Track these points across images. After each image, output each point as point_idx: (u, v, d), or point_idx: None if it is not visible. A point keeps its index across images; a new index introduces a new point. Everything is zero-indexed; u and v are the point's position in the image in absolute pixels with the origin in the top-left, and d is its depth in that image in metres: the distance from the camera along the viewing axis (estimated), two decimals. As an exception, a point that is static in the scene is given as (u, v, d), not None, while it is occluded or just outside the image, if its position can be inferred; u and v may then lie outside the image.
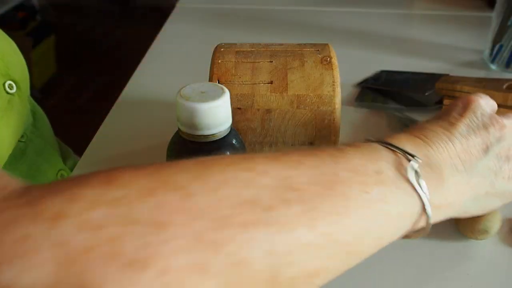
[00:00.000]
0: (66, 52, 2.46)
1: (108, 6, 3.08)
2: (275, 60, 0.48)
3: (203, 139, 0.37)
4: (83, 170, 0.54)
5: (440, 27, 0.90)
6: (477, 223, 0.42)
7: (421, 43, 0.83)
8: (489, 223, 0.42)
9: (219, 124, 0.37)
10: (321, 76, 0.47)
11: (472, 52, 0.80)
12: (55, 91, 2.23)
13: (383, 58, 0.78)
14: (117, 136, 0.60)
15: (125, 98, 0.68)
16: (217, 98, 0.36)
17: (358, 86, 0.71)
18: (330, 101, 0.46)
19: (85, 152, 0.57)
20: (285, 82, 0.47)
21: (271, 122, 0.47)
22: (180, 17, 0.97)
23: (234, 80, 0.47)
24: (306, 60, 0.48)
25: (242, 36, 0.83)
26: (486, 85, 0.61)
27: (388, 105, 0.66)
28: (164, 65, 0.78)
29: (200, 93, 0.36)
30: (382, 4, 1.00)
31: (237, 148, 0.38)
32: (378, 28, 0.89)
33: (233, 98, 0.46)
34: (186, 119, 0.36)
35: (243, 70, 0.47)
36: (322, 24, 0.91)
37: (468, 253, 0.44)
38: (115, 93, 0.71)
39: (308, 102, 0.46)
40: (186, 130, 0.37)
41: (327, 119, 0.47)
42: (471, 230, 0.43)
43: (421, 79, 0.71)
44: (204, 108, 0.35)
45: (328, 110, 0.46)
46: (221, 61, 0.48)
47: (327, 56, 0.48)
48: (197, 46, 0.84)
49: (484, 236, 0.43)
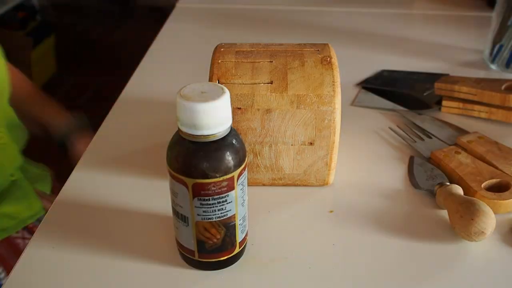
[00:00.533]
0: (66, 52, 2.46)
1: (108, 6, 3.08)
2: (275, 60, 0.48)
3: (203, 139, 0.37)
4: (83, 170, 0.54)
5: (440, 27, 0.90)
6: (471, 225, 0.42)
7: (421, 43, 0.83)
8: (483, 224, 0.42)
9: (219, 124, 0.37)
10: (321, 76, 0.47)
11: (472, 52, 0.80)
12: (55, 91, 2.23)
13: (383, 58, 0.78)
14: (117, 136, 0.60)
15: (125, 98, 0.68)
16: (217, 98, 0.36)
17: (358, 86, 0.71)
18: (330, 101, 0.46)
19: (85, 152, 0.57)
20: (285, 82, 0.47)
21: (271, 122, 0.47)
22: (180, 17, 0.97)
23: (234, 80, 0.47)
24: (306, 60, 0.48)
25: (242, 36, 0.83)
26: (484, 85, 0.61)
27: (388, 105, 0.66)
28: (164, 65, 0.78)
29: (200, 93, 0.36)
30: (382, 4, 1.00)
31: (237, 148, 0.38)
32: (378, 28, 0.90)
33: (233, 98, 0.46)
34: (186, 119, 0.36)
35: (243, 70, 0.47)
36: (322, 24, 0.91)
37: (468, 253, 0.44)
38: (115, 93, 0.71)
39: (308, 102, 0.46)
40: (186, 130, 0.37)
41: (327, 119, 0.47)
42: (466, 233, 0.43)
43: (421, 79, 0.71)
44: (204, 108, 0.35)
45: (328, 110, 0.47)
46: (221, 61, 0.48)
47: (327, 56, 0.48)
48: (197, 46, 0.84)
49: (480, 237, 0.43)
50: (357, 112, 0.65)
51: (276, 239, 0.46)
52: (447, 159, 0.53)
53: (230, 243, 0.41)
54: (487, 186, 0.49)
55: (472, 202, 0.43)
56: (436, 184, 0.49)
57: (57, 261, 0.44)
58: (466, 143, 0.55)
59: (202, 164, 0.37)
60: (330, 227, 0.47)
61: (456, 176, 0.51)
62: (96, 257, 0.44)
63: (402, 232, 0.46)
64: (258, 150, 0.48)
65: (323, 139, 0.48)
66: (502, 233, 0.46)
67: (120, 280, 0.42)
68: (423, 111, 0.64)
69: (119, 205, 0.50)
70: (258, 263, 0.43)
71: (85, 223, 0.48)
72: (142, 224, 0.47)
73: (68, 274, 0.42)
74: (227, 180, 0.38)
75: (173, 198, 0.40)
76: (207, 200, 0.38)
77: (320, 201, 0.50)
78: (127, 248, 0.45)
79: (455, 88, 0.63)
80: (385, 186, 0.52)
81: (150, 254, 0.44)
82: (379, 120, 0.63)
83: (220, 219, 0.39)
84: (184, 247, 0.42)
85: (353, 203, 0.50)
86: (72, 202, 0.50)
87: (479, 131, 0.58)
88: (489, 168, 0.51)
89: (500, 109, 0.60)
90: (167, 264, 0.43)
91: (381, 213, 0.48)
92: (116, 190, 0.51)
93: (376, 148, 0.58)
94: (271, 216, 0.48)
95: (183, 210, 0.39)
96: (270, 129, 0.47)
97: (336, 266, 0.43)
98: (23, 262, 0.44)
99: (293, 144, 0.48)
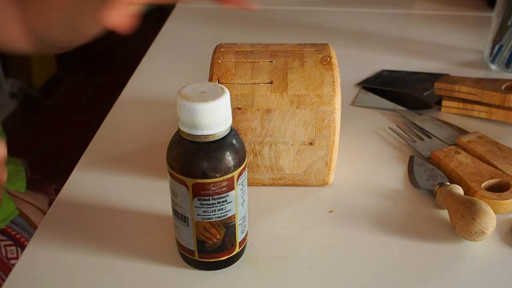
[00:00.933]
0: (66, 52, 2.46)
1: (108, 6, 3.08)
2: (275, 60, 0.48)
3: (203, 139, 0.37)
4: (83, 170, 0.54)
5: (440, 27, 0.90)
6: (472, 225, 0.42)
7: (421, 43, 0.83)
8: (484, 224, 0.42)
9: (219, 124, 0.37)
10: (321, 76, 0.47)
11: (472, 52, 0.80)
12: (55, 91, 2.23)
13: (383, 58, 0.78)
14: (117, 136, 0.60)
15: (125, 98, 0.68)
16: (217, 98, 0.36)
17: (358, 86, 0.71)
18: (330, 101, 0.46)
19: (85, 152, 0.57)
20: (285, 82, 0.47)
21: (271, 122, 0.47)
22: (180, 17, 0.97)
23: (234, 80, 0.47)
24: (306, 60, 0.48)
25: (242, 36, 0.83)
26: (484, 85, 0.61)
27: (388, 105, 0.66)
28: (164, 65, 0.78)
29: (200, 93, 0.36)
30: (382, 4, 1.00)
31: (237, 148, 0.38)
32: (378, 28, 0.89)
33: (233, 98, 0.46)
34: (186, 119, 0.36)
35: (243, 70, 0.47)
36: (322, 24, 0.91)
37: (468, 253, 0.44)
38: (115, 93, 0.71)
39: (308, 102, 0.46)
40: (186, 130, 0.37)
41: (327, 119, 0.47)
42: (467, 233, 0.43)
43: (421, 79, 0.71)
44: (204, 108, 0.35)
45: (328, 110, 0.46)
46: (221, 61, 0.48)
47: (327, 56, 0.48)
48: (197, 46, 0.84)
49: (481, 237, 0.43)
50: (357, 112, 0.65)
51: (276, 239, 0.46)
52: (447, 159, 0.53)
53: (230, 243, 0.41)
54: (487, 186, 0.49)
55: (473, 202, 0.43)
56: (436, 184, 0.49)
57: (57, 261, 0.44)
58: (466, 143, 0.55)
59: (202, 164, 0.37)
60: (330, 227, 0.47)
61: (456, 176, 0.51)
62: (96, 257, 0.44)
63: (402, 232, 0.46)
64: (258, 150, 0.48)
65: (323, 139, 0.48)
66: (502, 233, 0.46)
67: (120, 280, 0.42)
68: (423, 111, 0.64)
69: (119, 205, 0.50)
70: (258, 263, 0.43)
71: (85, 223, 0.48)
72: (142, 224, 0.47)
73: (68, 274, 0.42)
74: (227, 180, 0.38)
75: (173, 198, 0.40)
76: (207, 200, 0.38)
77: (320, 201, 0.50)
78: (127, 248, 0.45)
79: (455, 88, 0.63)
80: (385, 186, 0.52)
81: (150, 254, 0.44)
82: (379, 120, 0.63)
83: (220, 219, 0.39)
84: (184, 247, 0.42)
85: (353, 203, 0.50)
86: (72, 202, 0.50)
87: (479, 131, 0.58)
88: (489, 168, 0.51)
89: (500, 109, 0.60)
90: (167, 264, 0.43)
91: (381, 213, 0.48)
92: (116, 190, 0.51)
93: (376, 148, 0.58)
94: (271, 216, 0.48)
95: (183, 210, 0.39)
96: (270, 129, 0.47)
97: (336, 266, 0.43)
98: (23, 262, 0.44)
99: (293, 144, 0.48)
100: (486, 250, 0.44)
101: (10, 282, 0.42)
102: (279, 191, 0.51)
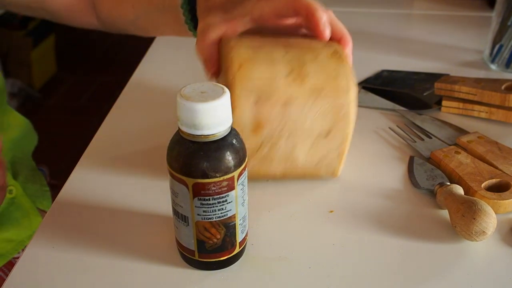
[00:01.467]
0: (66, 52, 2.46)
1: (108, 6, 3.08)
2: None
3: (203, 139, 0.37)
4: (83, 169, 0.54)
5: (440, 27, 0.90)
6: (473, 225, 0.42)
7: (421, 43, 0.83)
8: (485, 224, 0.42)
9: (219, 124, 0.37)
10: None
11: (472, 52, 0.80)
12: (55, 91, 2.23)
13: (383, 58, 0.78)
14: (117, 136, 0.60)
15: (125, 98, 0.68)
16: (217, 98, 0.36)
17: (358, 86, 0.71)
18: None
19: (85, 152, 0.57)
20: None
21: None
22: (180, 17, 0.97)
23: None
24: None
25: (242, 36, 0.83)
26: (484, 85, 0.61)
27: (388, 105, 0.66)
28: (164, 65, 0.78)
29: (200, 93, 0.36)
30: (382, 4, 1.00)
31: (237, 148, 0.38)
32: (378, 28, 0.89)
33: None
34: (186, 119, 0.36)
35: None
36: (322, 24, 0.91)
37: (468, 253, 0.44)
38: (115, 93, 0.71)
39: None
40: (186, 130, 0.37)
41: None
42: (468, 232, 0.43)
43: (421, 79, 0.71)
44: (204, 108, 0.35)
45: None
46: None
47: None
48: (197, 46, 0.84)
49: (481, 237, 0.43)
50: (357, 112, 0.65)
51: (276, 239, 0.46)
52: (447, 159, 0.53)
53: (230, 243, 0.41)
54: (487, 186, 0.49)
55: (474, 202, 0.43)
56: (436, 184, 0.49)
57: (57, 261, 0.44)
58: (466, 143, 0.55)
59: (202, 164, 0.37)
60: (330, 227, 0.47)
61: (456, 176, 0.51)
62: (96, 257, 0.44)
63: (402, 232, 0.46)
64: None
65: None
66: (502, 233, 0.46)
67: (120, 280, 0.42)
68: (423, 111, 0.64)
69: (119, 205, 0.50)
70: (258, 263, 0.43)
71: (85, 223, 0.48)
72: (142, 224, 0.47)
73: (68, 274, 0.42)
74: (227, 180, 0.38)
75: (173, 198, 0.40)
76: (207, 200, 0.38)
77: (320, 201, 0.50)
78: (127, 248, 0.45)
79: (455, 88, 0.63)
80: (385, 186, 0.52)
81: (150, 254, 0.44)
82: (379, 120, 0.63)
83: (220, 219, 0.39)
84: (184, 247, 0.42)
85: (353, 203, 0.50)
86: (72, 202, 0.50)
87: (479, 131, 0.58)
88: (489, 168, 0.51)
89: (500, 109, 0.60)
90: (167, 264, 0.43)
91: (381, 213, 0.48)
92: (116, 190, 0.51)
93: (376, 148, 0.58)
94: (271, 216, 0.48)
95: (183, 210, 0.39)
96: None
97: (336, 266, 0.43)
98: (23, 262, 0.44)
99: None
100: (486, 250, 0.44)
101: (10, 282, 0.42)
102: (279, 190, 0.51)
